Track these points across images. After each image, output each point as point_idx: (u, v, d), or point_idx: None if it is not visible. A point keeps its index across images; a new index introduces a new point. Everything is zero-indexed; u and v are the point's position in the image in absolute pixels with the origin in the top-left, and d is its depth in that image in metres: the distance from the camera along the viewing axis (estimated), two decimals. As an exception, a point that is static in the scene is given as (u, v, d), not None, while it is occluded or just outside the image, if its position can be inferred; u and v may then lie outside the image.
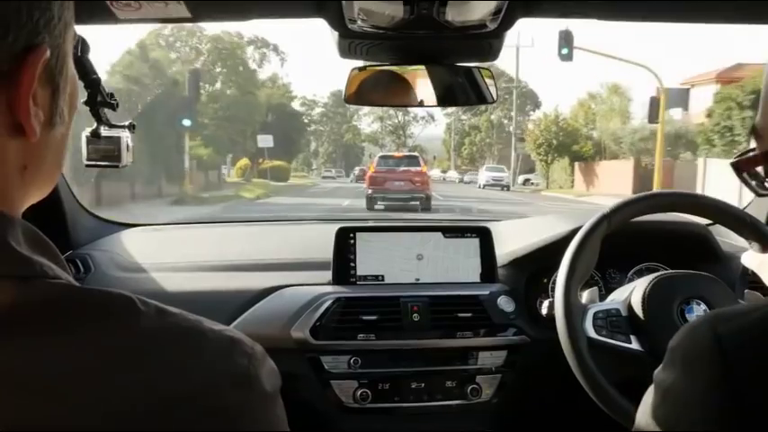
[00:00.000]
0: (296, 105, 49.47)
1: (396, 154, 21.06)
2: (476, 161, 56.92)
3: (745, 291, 1.31)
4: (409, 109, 39.62)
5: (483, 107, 49.08)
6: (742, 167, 0.58)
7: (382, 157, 18.55)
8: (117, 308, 0.47)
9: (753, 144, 0.57)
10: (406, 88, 1.41)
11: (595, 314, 1.22)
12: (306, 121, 54.51)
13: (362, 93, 1.41)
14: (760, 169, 0.58)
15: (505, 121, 54.23)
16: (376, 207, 15.73)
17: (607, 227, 1.22)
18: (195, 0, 1.05)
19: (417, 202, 15.84)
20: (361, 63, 1.38)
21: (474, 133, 56.41)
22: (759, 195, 0.60)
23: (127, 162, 1.26)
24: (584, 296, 1.30)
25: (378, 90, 1.41)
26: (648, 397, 0.56)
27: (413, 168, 17.04)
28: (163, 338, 0.46)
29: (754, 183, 0.60)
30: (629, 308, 1.23)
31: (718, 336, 0.49)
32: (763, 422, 0.45)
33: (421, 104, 1.45)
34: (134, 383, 0.43)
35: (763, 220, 1.31)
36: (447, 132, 60.98)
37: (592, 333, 1.20)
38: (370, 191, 16.52)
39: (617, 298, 1.29)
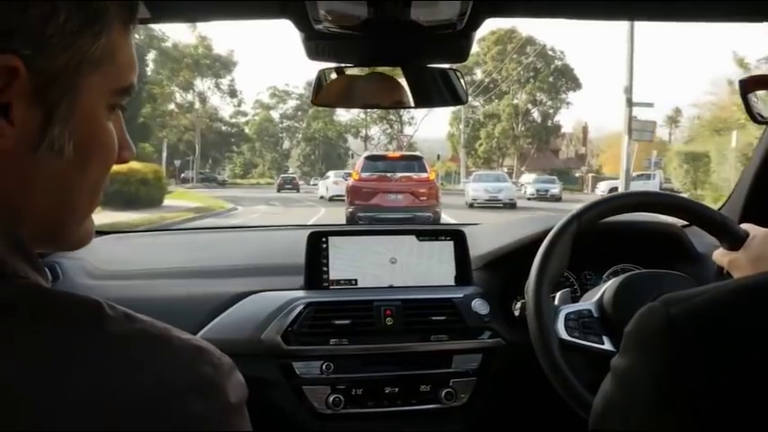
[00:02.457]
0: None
1: (390, 154, 14.68)
2: (492, 161, 45.20)
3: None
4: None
5: (504, 87, 41.68)
6: (749, 86, 0.58)
7: (370, 159, 13.15)
8: (84, 311, 0.46)
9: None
10: (379, 89, 1.40)
11: (567, 315, 1.20)
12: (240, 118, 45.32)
13: (332, 94, 1.40)
14: (763, 94, 0.58)
15: (530, 107, 43.44)
16: None
17: (577, 226, 1.21)
18: (155, 0, 1.04)
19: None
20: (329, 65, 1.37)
21: (491, 124, 43.51)
22: (756, 121, 0.60)
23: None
24: (557, 297, 1.28)
25: (348, 91, 1.40)
26: (605, 384, 0.56)
27: (415, 175, 12.23)
28: (129, 344, 0.46)
29: (755, 106, 0.60)
30: (601, 308, 1.22)
31: (671, 317, 0.49)
32: (712, 402, 0.45)
33: (394, 106, 1.44)
34: (96, 389, 0.42)
35: (736, 220, 1.30)
36: (454, 124, 45.44)
37: (564, 335, 1.18)
38: (351, 209, 11.90)
39: (589, 298, 1.28)
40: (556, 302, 1.26)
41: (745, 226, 1.13)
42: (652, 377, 0.49)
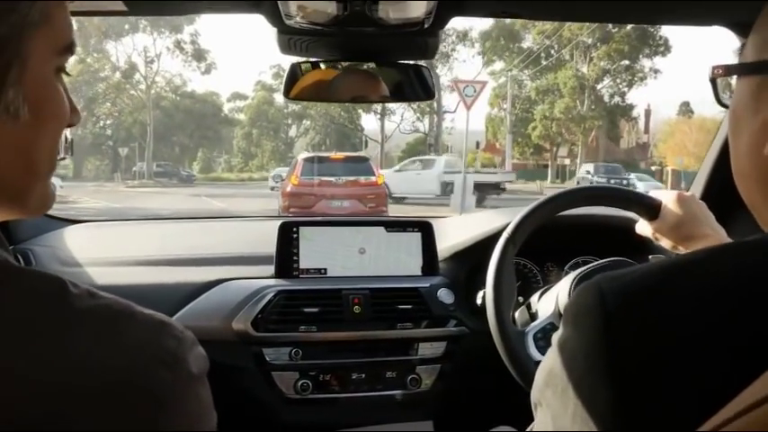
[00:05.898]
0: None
1: (333, 155, 12.85)
2: (544, 150, 35.12)
3: (650, 256, 1.35)
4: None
5: (567, 55, 32.31)
6: (715, 73, 0.63)
7: (310, 161, 11.66)
8: (48, 288, 0.48)
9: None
10: (356, 84, 1.43)
11: (535, 336, 1.22)
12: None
13: (307, 88, 1.42)
14: (733, 82, 0.62)
15: (599, 78, 32.38)
16: None
17: (513, 247, 1.24)
18: None
19: None
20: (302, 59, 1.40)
21: (548, 101, 32.30)
22: (721, 105, 0.65)
23: (64, 155, 1.26)
24: (517, 319, 1.31)
25: (324, 86, 1.43)
26: (546, 358, 0.59)
27: (362, 179, 11.37)
28: (93, 319, 0.48)
29: (720, 93, 0.64)
30: (561, 317, 1.23)
31: (603, 293, 0.53)
32: (639, 370, 0.49)
33: (371, 101, 1.48)
34: (63, 362, 0.45)
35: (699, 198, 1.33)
36: (495, 103, 33.81)
37: (538, 356, 1.18)
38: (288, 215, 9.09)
39: (546, 311, 1.28)
40: (518, 326, 1.28)
41: (653, 193, 1.17)
42: (585, 348, 0.53)
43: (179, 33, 34.45)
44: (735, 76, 0.60)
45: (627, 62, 32.20)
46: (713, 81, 0.63)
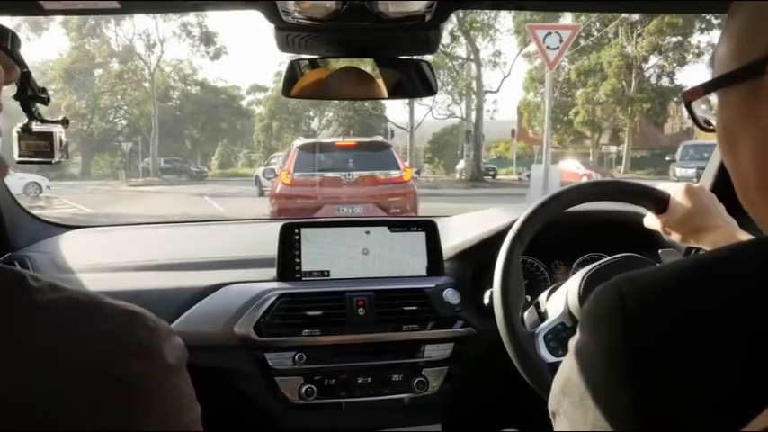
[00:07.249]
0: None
1: (339, 141, 8.86)
2: (585, 138, 31.76)
3: (660, 251, 1.32)
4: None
5: (611, 33, 28.75)
6: (687, 97, 0.60)
7: (307, 150, 8.23)
8: (6, 284, 0.47)
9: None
10: (354, 82, 1.41)
11: (545, 337, 1.18)
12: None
13: (306, 86, 1.40)
14: (701, 103, 0.60)
15: (652, 61, 28.87)
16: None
17: (520, 245, 1.21)
18: None
19: None
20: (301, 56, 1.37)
21: (591, 83, 28.98)
22: (702, 129, 0.62)
23: (59, 158, 1.24)
24: (526, 320, 1.27)
25: (323, 84, 1.40)
26: (563, 364, 0.57)
27: (381, 173, 8.00)
28: (58, 312, 0.47)
29: (699, 116, 0.62)
30: (571, 316, 1.20)
31: (622, 295, 0.51)
32: (662, 376, 0.47)
33: (369, 98, 1.45)
34: (31, 356, 0.43)
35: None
36: (531, 87, 30.23)
37: (550, 358, 1.15)
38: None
39: (556, 310, 1.24)
40: (527, 326, 1.24)
41: (661, 186, 1.15)
42: (605, 353, 0.50)
43: (184, 16, 30.86)
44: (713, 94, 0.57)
45: (678, 38, 29.03)
46: (688, 105, 0.61)
